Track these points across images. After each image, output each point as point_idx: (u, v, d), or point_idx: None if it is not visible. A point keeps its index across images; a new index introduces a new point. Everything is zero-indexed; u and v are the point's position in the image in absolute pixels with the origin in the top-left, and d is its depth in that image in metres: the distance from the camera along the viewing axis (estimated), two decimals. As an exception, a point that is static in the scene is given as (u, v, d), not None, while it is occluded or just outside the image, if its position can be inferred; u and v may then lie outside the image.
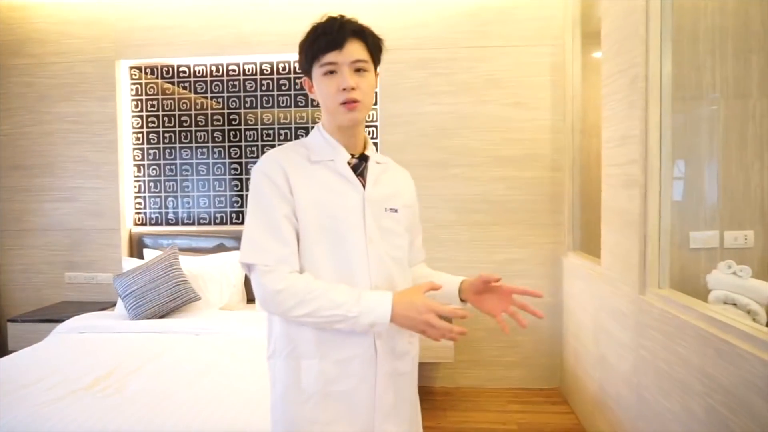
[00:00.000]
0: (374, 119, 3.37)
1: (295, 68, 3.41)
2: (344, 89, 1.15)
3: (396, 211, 1.26)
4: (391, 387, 1.22)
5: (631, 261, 2.08)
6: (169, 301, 2.89)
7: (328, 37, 1.15)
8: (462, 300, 1.26)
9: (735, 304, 1.76)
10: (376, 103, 3.29)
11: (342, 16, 1.19)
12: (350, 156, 1.24)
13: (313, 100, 3.40)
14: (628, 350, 2.13)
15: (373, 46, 1.20)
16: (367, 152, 1.27)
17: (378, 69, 1.25)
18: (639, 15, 1.99)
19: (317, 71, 1.18)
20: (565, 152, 3.14)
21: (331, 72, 1.16)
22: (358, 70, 1.17)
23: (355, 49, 1.16)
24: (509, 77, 3.21)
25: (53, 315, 3.16)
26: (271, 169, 1.19)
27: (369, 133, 3.40)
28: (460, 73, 3.21)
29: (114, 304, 3.26)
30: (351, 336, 1.17)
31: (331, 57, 1.15)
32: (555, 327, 3.21)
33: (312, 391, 1.18)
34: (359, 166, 1.24)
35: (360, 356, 1.19)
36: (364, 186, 1.22)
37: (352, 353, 1.19)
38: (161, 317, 2.88)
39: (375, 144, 3.40)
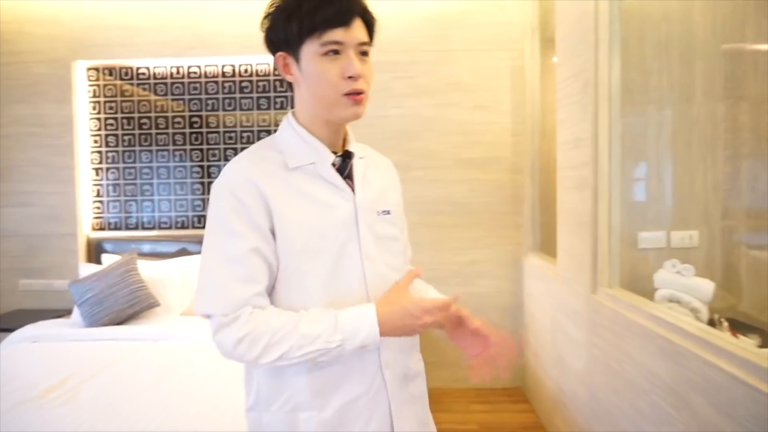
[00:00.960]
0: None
1: (257, 71, 3.38)
2: (350, 77, 0.94)
3: (388, 212, 1.08)
4: (409, 417, 1.06)
5: (583, 261, 2.13)
6: (126, 307, 2.83)
7: (333, 7, 0.93)
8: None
9: (679, 302, 1.82)
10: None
11: None
12: (333, 155, 1.03)
13: (276, 100, 3.38)
14: (582, 349, 2.18)
15: (373, 26, 1.01)
16: (349, 147, 1.06)
17: None
18: (589, 21, 2.04)
19: (312, 48, 0.94)
20: (525, 155, 3.20)
21: (334, 52, 0.94)
22: (362, 54, 0.97)
23: (360, 29, 0.96)
24: (470, 81, 3.25)
25: (6, 324, 3.05)
26: (238, 185, 0.96)
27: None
28: (422, 77, 3.24)
29: (69, 312, 3.18)
30: (352, 373, 0.99)
31: (337, 35, 0.93)
32: (516, 327, 3.26)
33: None
34: (345, 166, 1.04)
35: (364, 395, 1.00)
36: (353, 190, 1.03)
37: (355, 393, 1.00)
38: (119, 324, 2.82)
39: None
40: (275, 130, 3.32)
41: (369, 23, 1.00)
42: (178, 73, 3.40)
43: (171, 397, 1.95)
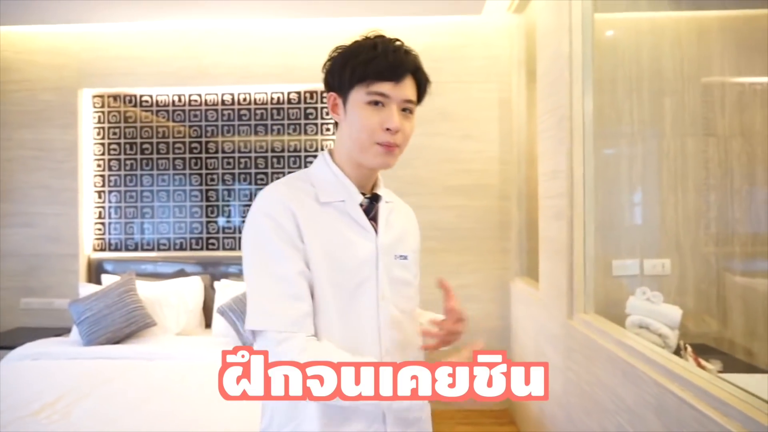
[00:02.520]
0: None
1: (255, 99, 3.52)
2: (388, 129, 0.99)
3: (405, 257, 1.12)
4: None
5: (561, 287, 2.23)
6: (124, 326, 2.92)
7: (386, 62, 0.99)
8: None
9: (648, 328, 1.91)
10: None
11: (403, 43, 1.04)
12: (362, 196, 1.08)
13: (273, 128, 3.51)
14: (559, 372, 2.26)
15: (422, 88, 1.06)
16: (378, 191, 1.12)
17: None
18: (564, 60, 2.17)
19: (359, 96, 1.00)
20: (512, 182, 3.31)
21: (377, 103, 1.00)
22: (404, 110, 1.02)
23: (410, 88, 1.02)
24: (459, 111, 3.38)
25: (7, 342, 3.14)
26: (277, 211, 0.99)
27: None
28: (413, 107, 3.37)
29: (69, 330, 3.26)
30: (358, 409, 1.01)
31: (385, 87, 0.99)
32: (503, 349, 3.33)
33: None
34: (371, 208, 1.09)
35: (367, 431, 1.03)
36: (377, 232, 1.07)
37: (357, 428, 1.02)
38: (116, 343, 2.91)
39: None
40: (272, 156, 3.47)
41: (420, 83, 1.04)
42: (179, 100, 3.54)
43: (161, 415, 2.03)
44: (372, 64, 0.98)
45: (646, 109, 2.19)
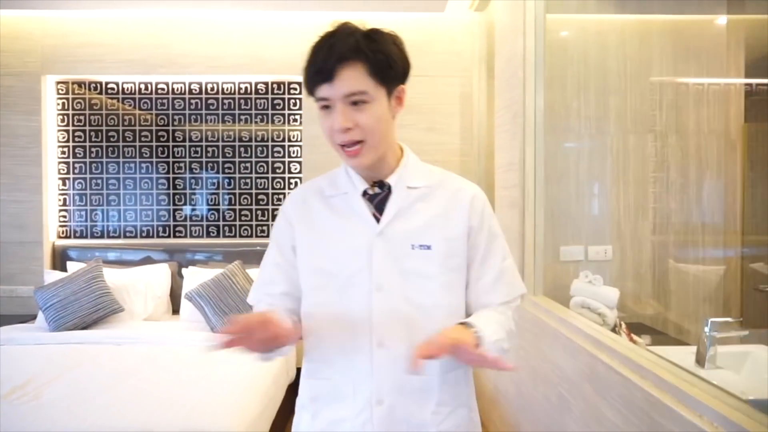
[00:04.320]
0: (299, 139, 3.58)
1: (223, 89, 3.57)
2: (337, 130, 0.96)
3: (429, 247, 1.03)
4: None
5: (513, 272, 2.39)
6: (91, 312, 2.96)
7: (315, 67, 0.96)
8: None
9: (589, 308, 2.09)
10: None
11: (342, 28, 0.98)
12: (369, 185, 1.06)
13: (240, 117, 3.57)
14: (512, 351, 2.43)
15: (378, 65, 0.96)
16: (390, 178, 1.06)
17: (400, 84, 1.04)
18: (518, 60, 2.31)
19: (316, 104, 1.00)
20: (472, 174, 3.47)
21: (327, 107, 0.98)
22: (355, 104, 0.96)
23: (351, 79, 0.94)
24: (423, 104, 3.51)
25: (-31, 328, 3.14)
26: (283, 209, 1.13)
27: (292, 153, 3.61)
28: (379, 99, 3.48)
29: (33, 317, 3.27)
30: (344, 393, 1.03)
31: (322, 91, 0.96)
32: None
33: None
34: (385, 196, 1.05)
35: (350, 420, 1.02)
36: (379, 221, 1.04)
37: (343, 414, 1.03)
38: (83, 329, 2.94)
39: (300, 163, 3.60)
40: (239, 146, 3.53)
41: (371, 62, 0.95)
42: (146, 88, 3.56)
43: (129, 396, 2.09)
44: (308, 73, 0.97)
45: (593, 106, 2.36)
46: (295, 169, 3.62)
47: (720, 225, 2.39)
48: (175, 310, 3.42)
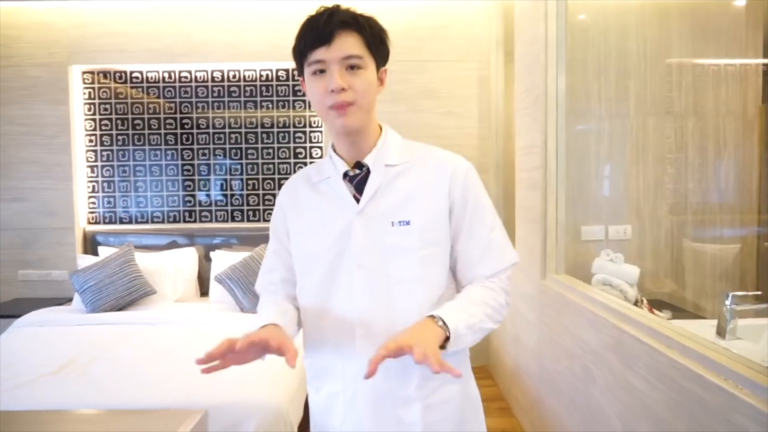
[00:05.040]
0: (320, 125, 3.65)
1: (244, 76, 3.64)
2: (333, 91, 0.99)
3: (408, 223, 1.05)
4: None
5: (535, 251, 2.47)
6: (125, 294, 3.08)
7: (314, 31, 1.00)
8: None
9: (611, 285, 2.17)
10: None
11: (337, 6, 1.04)
12: (350, 167, 1.10)
13: (262, 104, 3.65)
14: (533, 327, 2.52)
15: (372, 38, 1.03)
16: (367, 158, 1.09)
17: (384, 66, 1.09)
18: (540, 44, 2.37)
19: (307, 72, 1.03)
20: (490, 157, 3.53)
21: (321, 71, 1.01)
22: (351, 68, 1.01)
23: (348, 44, 1.00)
24: (441, 89, 3.57)
25: (7, 311, 3.27)
26: (277, 199, 1.20)
27: (313, 139, 3.68)
28: (397, 84, 3.54)
29: (68, 300, 3.40)
30: (334, 370, 1.09)
31: (318, 54, 1.00)
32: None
33: (314, 421, 1.18)
34: (365, 176, 1.09)
35: (342, 394, 1.09)
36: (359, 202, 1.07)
37: (336, 389, 1.10)
38: (118, 310, 3.07)
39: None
40: (261, 132, 3.61)
41: (365, 33, 1.02)
42: (170, 77, 3.64)
43: (172, 372, 2.20)
44: (305, 38, 1.02)
45: (613, 88, 2.41)
46: (317, 154, 3.69)
47: (736, 204, 2.45)
48: (203, 293, 3.54)
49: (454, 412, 1.10)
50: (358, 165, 1.09)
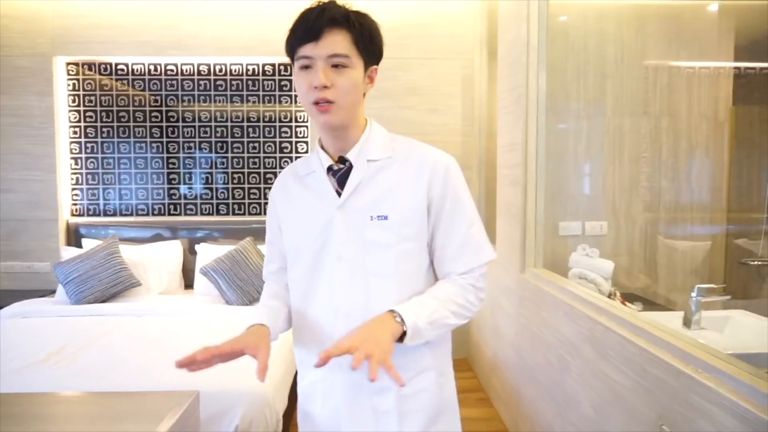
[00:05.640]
0: (305, 119, 3.69)
1: (231, 70, 3.66)
2: (315, 87, 1.01)
3: (386, 218, 1.08)
4: (363, 425, 1.11)
5: (515, 246, 2.55)
6: (110, 286, 3.10)
7: (304, 26, 1.02)
8: None
9: (586, 278, 2.25)
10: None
11: (332, 1, 1.05)
12: (335, 162, 1.13)
13: (248, 98, 3.67)
14: (513, 319, 2.61)
15: (362, 36, 1.04)
16: (349, 154, 1.11)
17: (375, 65, 1.10)
18: (522, 45, 2.44)
19: (295, 65, 1.05)
20: (473, 154, 3.61)
21: (307, 67, 1.03)
22: (335, 66, 1.02)
23: (335, 42, 1.01)
24: (426, 86, 3.63)
25: (-10, 303, 3.26)
26: (270, 193, 1.24)
27: (299, 134, 3.72)
28: (384, 81, 3.59)
29: (51, 292, 3.39)
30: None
31: (306, 50, 1.02)
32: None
33: (299, 406, 1.24)
34: (347, 171, 1.11)
35: (321, 382, 1.15)
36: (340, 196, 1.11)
37: (317, 376, 1.15)
38: (103, 302, 3.08)
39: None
40: (247, 126, 3.64)
41: (355, 31, 1.03)
42: (155, 70, 3.64)
43: (161, 360, 2.24)
44: (295, 32, 1.03)
45: (591, 89, 2.50)
46: (302, 148, 3.73)
47: (707, 203, 2.56)
48: (188, 285, 3.56)
49: (430, 401, 1.13)
50: (342, 159, 1.12)
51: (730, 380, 1.11)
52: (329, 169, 1.13)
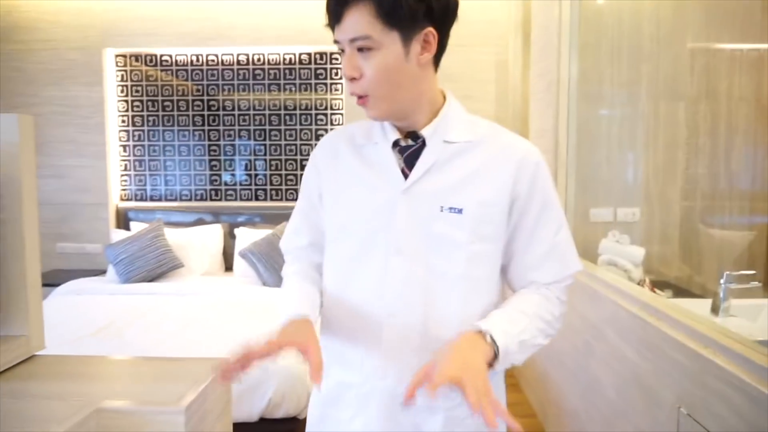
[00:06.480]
0: (341, 107, 3.76)
1: (269, 60, 3.76)
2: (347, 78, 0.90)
3: (460, 211, 0.91)
4: None
5: (545, 232, 2.55)
6: (156, 267, 3.27)
7: (327, 8, 0.89)
8: None
9: (616, 265, 2.24)
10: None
11: None
12: (402, 136, 0.95)
13: (285, 87, 3.77)
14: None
15: (384, 5, 0.83)
16: (423, 131, 0.94)
17: (426, 27, 0.89)
18: (553, 28, 2.42)
19: None
20: (507, 140, 3.59)
21: (342, 51, 0.90)
22: (360, 50, 0.87)
23: (354, 22, 0.85)
24: (460, 72, 3.63)
25: (47, 281, 3.48)
26: (312, 155, 1.05)
27: (335, 121, 3.79)
28: (417, 68, 3.61)
29: (102, 271, 3.61)
30: (350, 358, 0.96)
31: (336, 34, 0.89)
32: (496, 292, 3.70)
33: (314, 403, 1.05)
34: (419, 150, 0.94)
35: (356, 388, 0.96)
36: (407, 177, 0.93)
37: (350, 380, 0.97)
38: (149, 281, 3.26)
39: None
40: (284, 114, 3.74)
41: (377, 4, 0.84)
42: (197, 60, 3.78)
43: (204, 335, 2.39)
44: (327, 16, 0.90)
45: (625, 73, 2.46)
46: (337, 136, 3.81)
47: (748, 190, 2.48)
48: (228, 267, 3.71)
49: (479, 426, 0.93)
50: (412, 135, 0.95)
51: (748, 364, 1.12)
52: (395, 144, 0.96)
